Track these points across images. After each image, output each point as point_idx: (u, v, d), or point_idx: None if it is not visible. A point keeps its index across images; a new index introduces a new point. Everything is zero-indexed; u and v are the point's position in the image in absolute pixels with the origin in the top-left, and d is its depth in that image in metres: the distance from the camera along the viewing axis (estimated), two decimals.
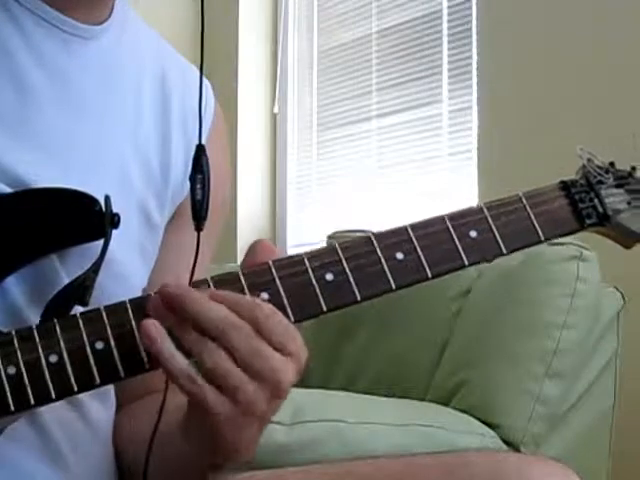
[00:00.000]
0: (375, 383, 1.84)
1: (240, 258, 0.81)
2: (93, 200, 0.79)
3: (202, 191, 0.85)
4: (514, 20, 2.48)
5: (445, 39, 2.78)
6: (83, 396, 0.81)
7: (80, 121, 0.86)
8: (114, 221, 0.79)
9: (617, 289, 1.72)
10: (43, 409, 0.80)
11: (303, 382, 0.76)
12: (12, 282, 0.79)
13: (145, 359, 0.74)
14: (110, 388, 0.91)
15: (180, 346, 0.72)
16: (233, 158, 3.31)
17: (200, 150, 0.86)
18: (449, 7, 2.77)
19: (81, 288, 0.77)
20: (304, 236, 3.25)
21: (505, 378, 1.58)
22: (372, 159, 3.05)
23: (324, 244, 2.70)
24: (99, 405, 0.89)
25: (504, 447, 1.51)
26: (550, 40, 2.37)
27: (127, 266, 0.87)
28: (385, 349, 1.86)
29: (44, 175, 0.81)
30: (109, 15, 0.91)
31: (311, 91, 3.32)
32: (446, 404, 1.62)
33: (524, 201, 0.84)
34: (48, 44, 0.85)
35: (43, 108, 0.84)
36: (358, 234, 0.81)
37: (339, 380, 1.91)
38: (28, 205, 0.79)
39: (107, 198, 0.79)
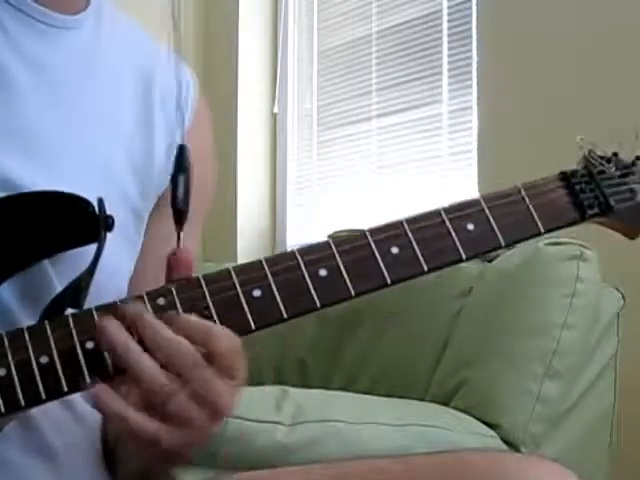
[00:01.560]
0: (375, 383, 1.84)
1: (240, 258, 0.80)
2: (86, 203, 0.78)
3: (185, 195, 0.83)
4: (514, 20, 2.48)
5: (445, 39, 2.77)
6: None
7: (62, 113, 0.86)
8: (108, 224, 0.78)
9: (617, 289, 1.72)
10: None
11: (303, 382, 0.76)
12: (4, 287, 0.78)
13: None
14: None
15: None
16: (233, 158, 3.31)
17: (182, 150, 0.85)
18: (449, 7, 2.77)
19: (76, 291, 0.76)
20: (304, 236, 3.25)
21: (505, 378, 1.58)
22: (372, 159, 3.05)
23: None
24: (87, 398, 0.89)
25: (504, 447, 1.51)
26: (550, 40, 2.37)
27: (116, 259, 0.87)
28: (385, 349, 1.86)
29: (28, 171, 0.80)
30: (86, 5, 0.90)
31: (311, 91, 3.32)
32: (446, 404, 1.62)
33: (522, 192, 0.82)
34: (26, 36, 0.85)
35: (25, 102, 0.83)
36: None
37: (339, 380, 1.91)
38: (21, 210, 0.78)
39: (100, 201, 0.78)
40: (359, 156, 3.09)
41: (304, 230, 3.27)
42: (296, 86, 3.37)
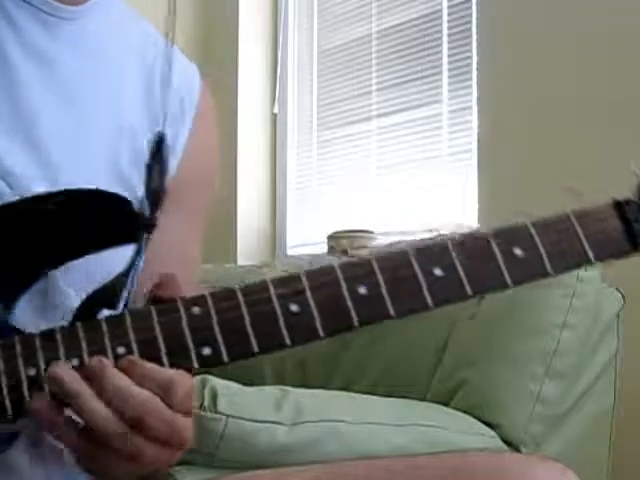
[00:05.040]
0: (375, 383, 1.84)
1: (240, 258, 0.79)
2: (126, 202, 0.78)
3: (159, 179, 0.82)
4: (514, 20, 2.48)
5: (445, 39, 2.77)
6: None
7: (66, 105, 0.85)
8: (149, 224, 0.77)
9: (617, 289, 1.72)
10: None
11: (303, 383, 0.76)
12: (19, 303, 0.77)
13: (167, 365, 0.72)
14: None
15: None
16: (233, 158, 3.31)
17: (161, 138, 0.84)
18: (449, 7, 2.77)
19: (112, 292, 0.76)
20: (304, 236, 3.25)
21: (505, 378, 1.58)
22: (372, 159, 3.05)
23: (324, 244, 2.70)
24: None
25: (504, 447, 1.51)
26: (550, 40, 2.37)
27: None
28: (385, 349, 1.86)
29: (32, 165, 0.80)
30: None
31: (311, 91, 3.32)
32: (446, 404, 1.62)
33: (573, 219, 0.78)
34: (31, 27, 0.85)
35: (30, 94, 0.83)
36: (359, 234, 0.80)
37: (339, 380, 1.90)
38: (56, 207, 0.77)
39: (141, 201, 0.78)
40: (359, 156, 3.09)
41: (304, 230, 3.27)
42: (296, 86, 3.37)
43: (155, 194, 0.83)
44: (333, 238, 2.62)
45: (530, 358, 1.57)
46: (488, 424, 1.54)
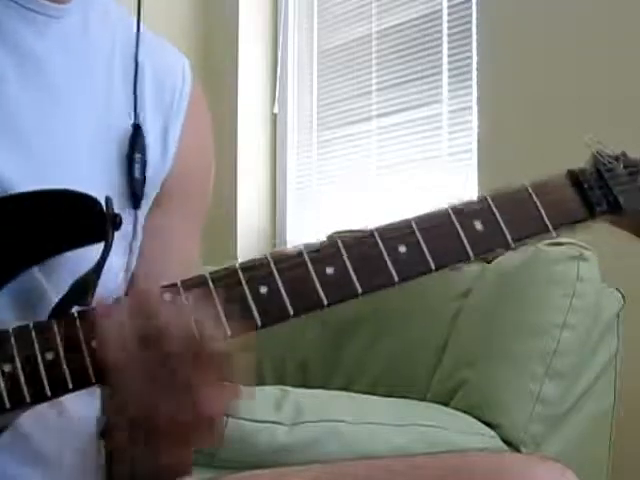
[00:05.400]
0: (375, 383, 1.84)
1: (240, 258, 0.79)
2: (94, 201, 0.77)
3: (141, 170, 0.83)
4: (514, 20, 2.48)
5: (445, 39, 2.77)
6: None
7: (50, 103, 0.85)
8: (116, 222, 0.78)
9: (617, 289, 1.72)
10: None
11: (304, 383, 0.76)
12: None
13: None
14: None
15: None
16: (233, 158, 3.31)
17: (138, 129, 0.84)
18: (449, 7, 2.77)
19: (83, 290, 0.76)
20: (304, 236, 3.25)
21: (505, 378, 1.58)
22: (372, 159, 3.05)
23: None
24: (80, 402, 0.88)
25: (504, 447, 1.51)
26: (550, 40, 2.37)
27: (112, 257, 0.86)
28: (385, 349, 1.86)
29: (15, 164, 0.80)
30: None
31: (311, 91, 3.32)
32: (446, 404, 1.62)
33: (530, 190, 0.81)
34: (13, 22, 0.84)
35: (11, 93, 0.82)
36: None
37: (339, 380, 1.91)
38: (27, 208, 0.77)
39: (108, 199, 0.77)
40: (359, 156, 3.09)
41: (304, 230, 3.27)
42: (296, 86, 3.37)
43: (137, 185, 0.84)
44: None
45: (530, 358, 1.57)
46: (488, 424, 1.54)
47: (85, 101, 0.88)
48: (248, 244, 3.29)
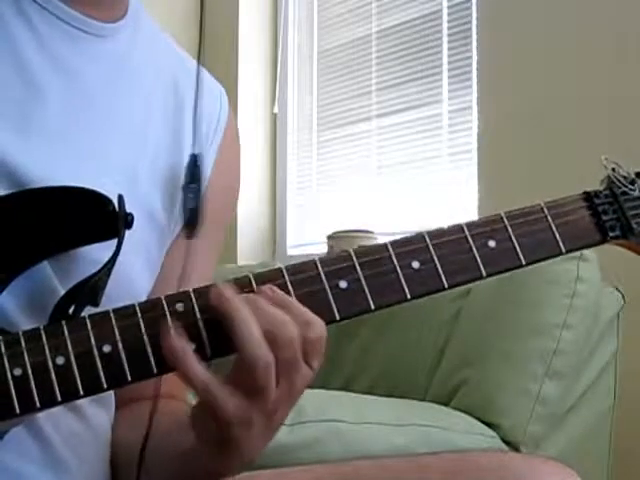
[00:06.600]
0: (375, 383, 1.84)
1: (240, 258, 0.79)
2: (107, 199, 0.77)
3: (195, 200, 0.84)
4: (514, 20, 2.48)
5: (445, 39, 2.78)
6: (82, 400, 0.80)
7: (86, 118, 0.85)
8: (128, 221, 0.78)
9: (617, 289, 1.72)
10: (41, 415, 0.79)
11: None
12: (6, 297, 0.77)
13: (153, 364, 0.72)
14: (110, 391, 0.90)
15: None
16: None
17: (195, 159, 0.86)
18: (449, 7, 2.77)
19: (93, 289, 0.76)
20: (304, 236, 3.25)
21: (505, 378, 1.58)
22: (372, 159, 3.05)
23: (324, 244, 2.70)
24: (98, 409, 0.89)
25: (504, 447, 1.51)
26: (550, 40, 2.37)
27: (131, 268, 0.86)
28: (385, 349, 1.86)
29: (45, 172, 0.80)
30: (124, 13, 0.90)
31: (311, 91, 3.32)
32: (446, 404, 1.62)
33: (545, 211, 0.81)
34: (59, 41, 0.85)
35: (49, 104, 0.83)
36: (359, 234, 0.81)
37: (339, 380, 1.91)
38: (38, 204, 0.77)
39: (120, 197, 0.77)
40: (359, 156, 3.09)
41: (304, 230, 3.27)
42: (296, 86, 3.37)
43: (192, 214, 0.85)
44: (333, 238, 2.61)
45: (530, 358, 1.57)
46: (488, 424, 1.54)
47: (122, 119, 0.88)
48: (248, 244, 3.29)
